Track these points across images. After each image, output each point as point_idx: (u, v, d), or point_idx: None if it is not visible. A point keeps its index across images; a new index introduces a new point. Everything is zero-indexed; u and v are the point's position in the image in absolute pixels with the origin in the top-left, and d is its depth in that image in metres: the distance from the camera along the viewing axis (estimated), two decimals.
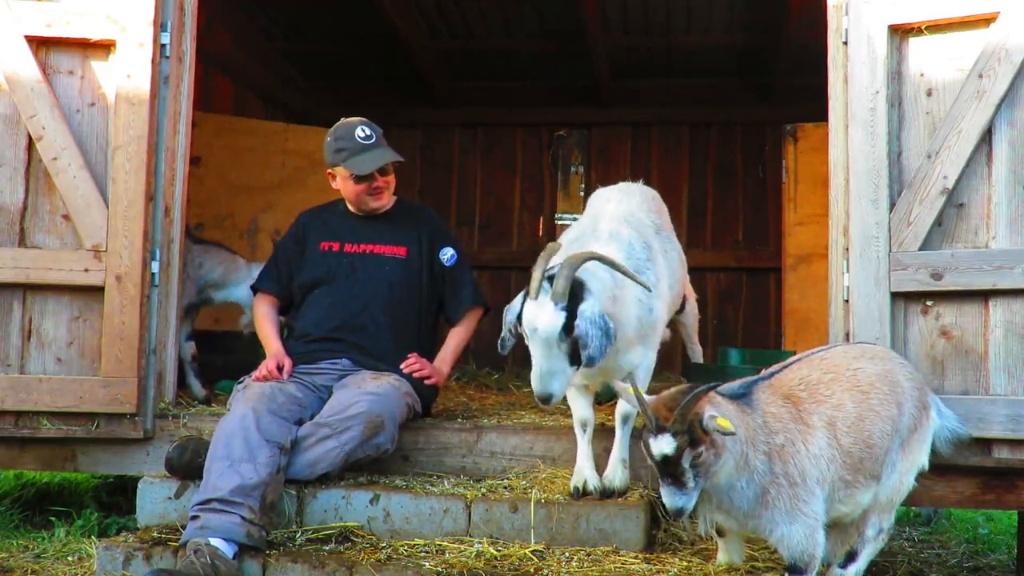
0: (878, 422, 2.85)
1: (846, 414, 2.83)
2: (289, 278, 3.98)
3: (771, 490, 2.71)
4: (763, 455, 2.70)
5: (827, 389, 2.86)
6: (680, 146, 7.86)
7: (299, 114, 7.55)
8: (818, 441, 2.77)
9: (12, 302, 3.78)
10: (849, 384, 2.89)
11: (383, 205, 3.94)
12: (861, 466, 2.83)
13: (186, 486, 3.43)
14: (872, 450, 2.84)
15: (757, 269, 7.52)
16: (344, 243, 3.91)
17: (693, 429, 2.58)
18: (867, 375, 2.92)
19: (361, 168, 3.78)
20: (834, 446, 2.78)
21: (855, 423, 2.82)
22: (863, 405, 2.85)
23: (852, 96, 3.53)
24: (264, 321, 3.95)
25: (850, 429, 2.82)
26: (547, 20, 6.83)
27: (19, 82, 3.74)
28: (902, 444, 2.92)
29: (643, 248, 3.39)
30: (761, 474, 2.70)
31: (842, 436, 2.80)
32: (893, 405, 2.89)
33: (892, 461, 2.90)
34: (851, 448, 2.81)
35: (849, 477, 2.81)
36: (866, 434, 2.83)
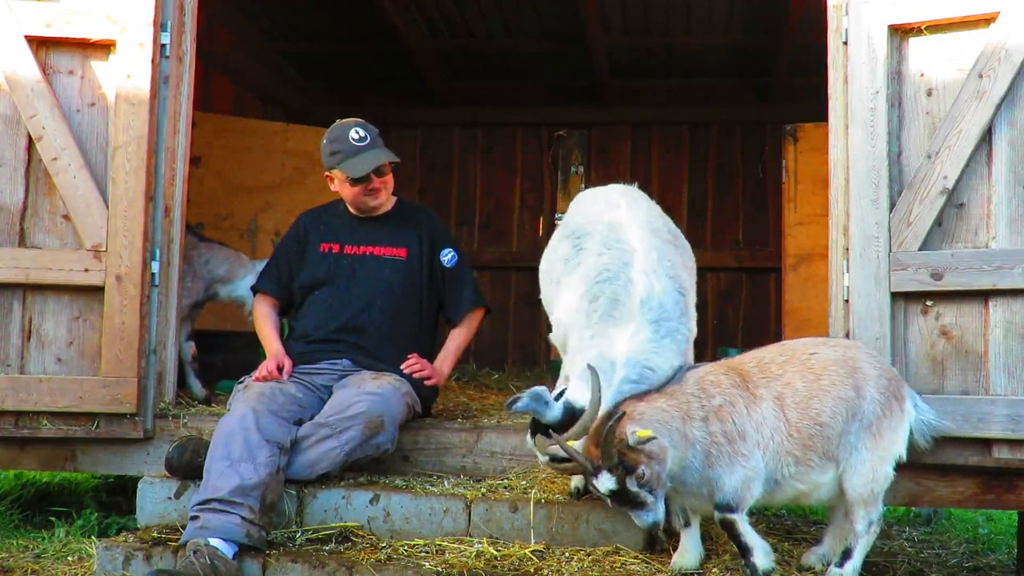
0: (829, 401, 2.90)
1: (795, 391, 2.91)
2: (289, 279, 3.97)
3: (712, 450, 2.82)
4: (700, 421, 2.82)
5: (779, 369, 2.97)
6: (680, 146, 7.87)
7: (299, 114, 7.55)
8: (763, 410, 2.87)
9: (12, 302, 3.78)
10: (802, 367, 2.97)
11: (381, 205, 3.94)
12: (812, 443, 2.88)
13: (186, 486, 3.43)
14: (823, 428, 2.89)
15: (757, 269, 7.52)
16: (344, 244, 3.91)
17: (624, 456, 2.68)
18: (822, 359, 2.99)
19: (356, 171, 3.77)
20: (780, 419, 2.87)
21: (804, 401, 2.90)
22: (813, 385, 2.92)
23: (852, 96, 3.53)
24: (264, 322, 3.95)
25: (798, 406, 2.89)
26: (547, 20, 6.83)
27: (19, 82, 3.74)
28: (866, 429, 2.93)
29: (675, 301, 3.23)
30: (702, 440, 2.81)
31: (790, 411, 2.88)
32: (850, 388, 2.93)
33: (852, 444, 2.92)
34: (799, 424, 2.88)
35: (799, 453, 2.88)
36: (814, 411, 2.89)
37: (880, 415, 2.96)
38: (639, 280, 3.18)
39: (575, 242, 3.50)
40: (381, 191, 3.90)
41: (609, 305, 3.17)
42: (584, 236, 3.47)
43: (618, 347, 3.09)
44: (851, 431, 2.91)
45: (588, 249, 3.39)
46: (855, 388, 2.94)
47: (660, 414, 2.79)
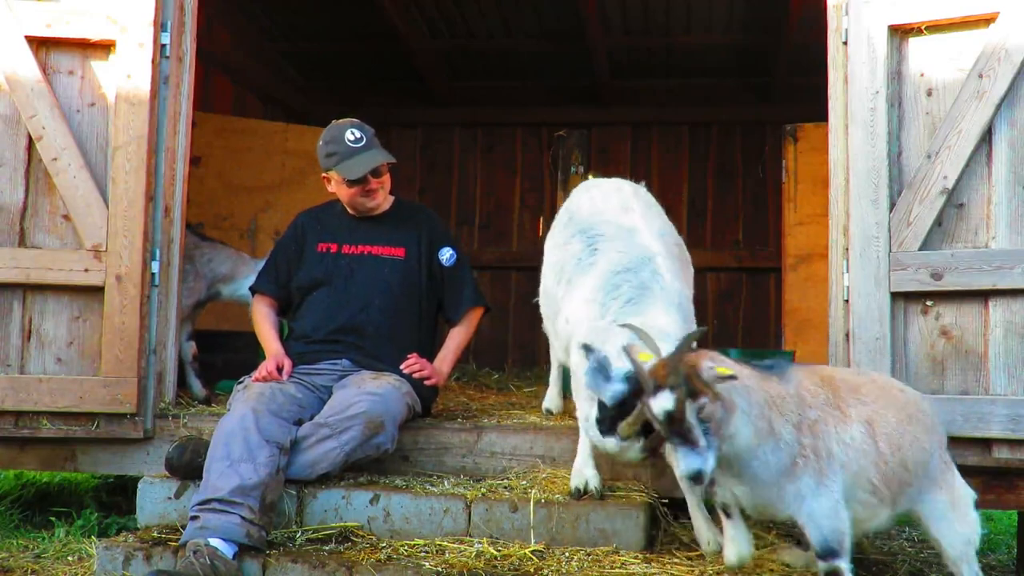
0: (916, 451, 2.78)
1: (887, 422, 2.76)
2: (287, 279, 3.97)
3: (799, 461, 2.61)
4: (791, 426, 2.62)
5: (870, 395, 2.80)
6: (680, 146, 7.87)
7: (299, 114, 7.55)
8: (852, 431, 2.70)
9: (12, 302, 3.78)
10: (893, 400, 2.83)
11: (379, 205, 3.94)
12: (892, 479, 2.73)
13: (186, 486, 3.43)
14: (906, 474, 2.76)
15: (757, 269, 7.52)
16: (342, 244, 3.91)
17: (690, 381, 2.45)
18: (909, 402, 2.87)
19: (352, 173, 3.77)
20: (869, 443, 2.71)
21: (895, 437, 2.75)
22: (907, 429, 2.78)
23: (852, 96, 3.53)
24: (263, 322, 3.95)
25: (889, 438, 2.74)
26: (547, 20, 6.83)
27: (19, 82, 3.74)
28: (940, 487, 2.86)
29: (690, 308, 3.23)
30: (788, 443, 2.61)
31: (881, 440, 2.72)
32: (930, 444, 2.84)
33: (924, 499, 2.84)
34: (888, 456, 2.73)
35: (877, 483, 2.72)
36: (901, 455, 2.75)
37: (945, 467, 2.89)
38: (665, 274, 3.18)
39: (588, 240, 3.45)
40: (378, 192, 3.89)
41: (636, 292, 3.11)
42: (598, 236, 3.43)
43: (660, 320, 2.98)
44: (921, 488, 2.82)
45: (604, 249, 3.35)
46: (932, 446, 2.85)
47: (744, 377, 2.57)
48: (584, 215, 3.61)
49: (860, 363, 3.45)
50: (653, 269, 3.18)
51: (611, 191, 3.76)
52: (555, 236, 3.81)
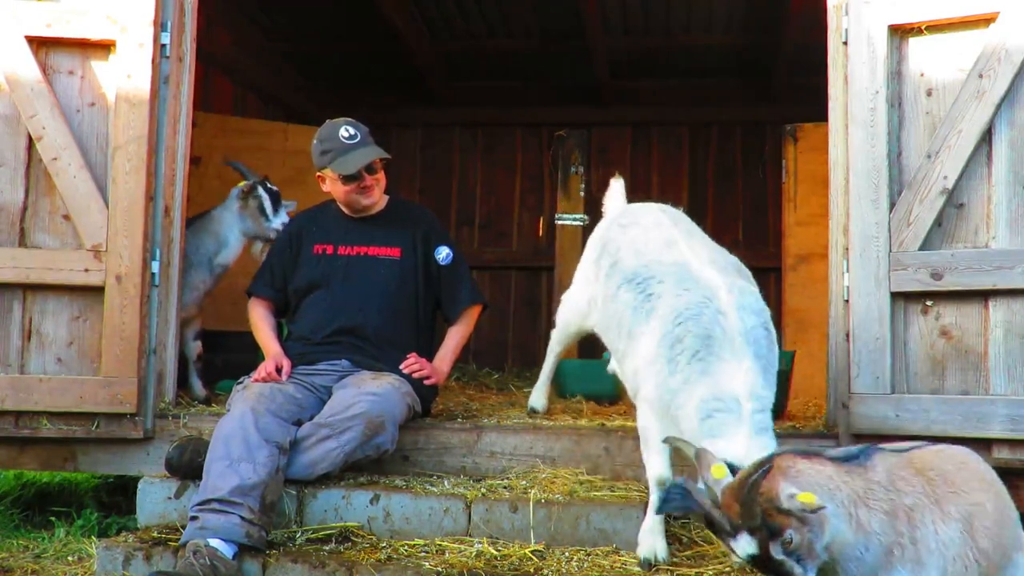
0: (1011, 535, 2.50)
1: (985, 513, 2.45)
2: (283, 282, 3.97)
3: (895, 551, 2.33)
4: (883, 514, 2.34)
5: (965, 485, 2.48)
6: (680, 146, 7.87)
7: (299, 114, 7.54)
8: (950, 531, 2.39)
9: (12, 302, 3.78)
10: (985, 484, 2.53)
11: (374, 203, 3.93)
12: (991, 571, 2.44)
13: (186, 486, 3.43)
14: (1004, 562, 2.48)
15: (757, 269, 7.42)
16: (338, 245, 3.91)
17: (769, 518, 2.20)
18: (990, 475, 2.58)
19: (347, 168, 3.76)
20: (969, 545, 2.40)
21: (995, 529, 2.45)
22: (1003, 512, 2.50)
23: (852, 96, 3.53)
24: (261, 324, 3.95)
25: (989, 531, 2.43)
26: (547, 20, 6.82)
27: (19, 82, 3.74)
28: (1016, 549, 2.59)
29: (764, 336, 2.99)
30: (880, 534, 2.33)
31: (980, 536, 2.42)
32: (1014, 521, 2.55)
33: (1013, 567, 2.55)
34: (990, 552, 2.42)
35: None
36: (1004, 542, 2.46)
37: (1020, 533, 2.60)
38: (731, 313, 2.94)
39: (640, 286, 3.23)
40: (373, 189, 3.88)
41: (700, 343, 2.89)
42: (649, 280, 3.22)
43: (736, 380, 2.80)
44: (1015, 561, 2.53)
45: (660, 294, 3.14)
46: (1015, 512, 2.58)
47: (825, 480, 2.30)
48: (628, 261, 3.39)
49: (860, 363, 3.45)
50: (716, 309, 2.95)
51: (651, 227, 3.52)
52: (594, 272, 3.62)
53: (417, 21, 6.84)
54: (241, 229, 4.56)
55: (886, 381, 3.43)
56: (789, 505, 2.17)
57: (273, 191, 4.62)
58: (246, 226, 4.56)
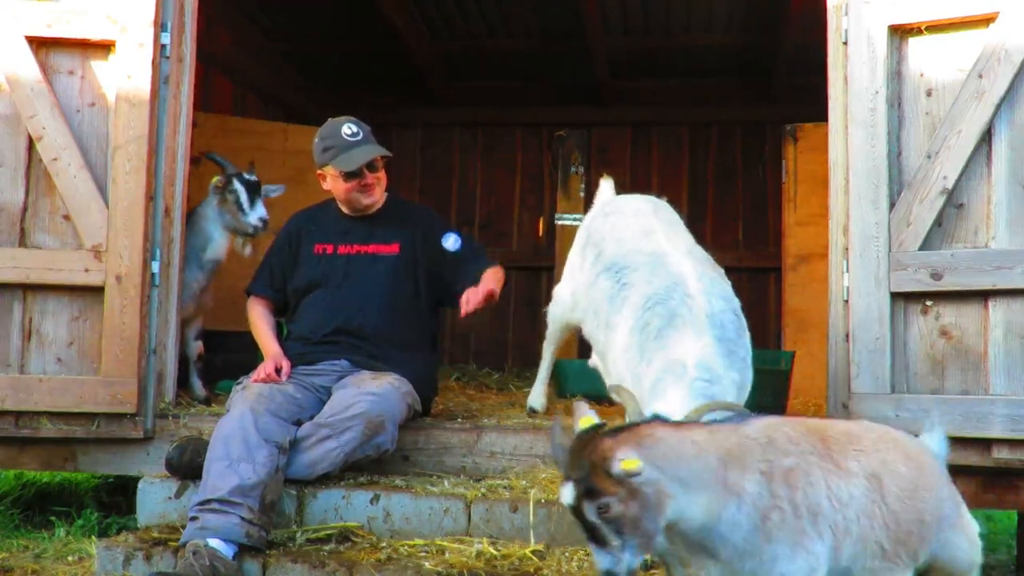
0: (933, 501, 2.43)
1: (898, 476, 2.38)
2: (283, 281, 3.97)
3: (773, 515, 2.20)
4: (758, 474, 2.21)
5: (872, 446, 2.41)
6: (680, 146, 7.87)
7: (299, 114, 7.54)
8: (851, 487, 2.30)
9: (12, 302, 3.78)
10: (900, 448, 2.46)
11: (375, 202, 3.92)
12: (907, 540, 2.36)
13: (186, 486, 3.43)
14: (924, 528, 2.40)
15: (757, 269, 7.51)
16: (338, 244, 3.90)
17: (592, 476, 2.09)
18: (916, 448, 2.53)
19: (348, 164, 3.76)
20: (876, 502, 2.32)
21: (910, 490, 2.37)
22: (923, 480, 2.42)
23: (852, 96, 3.53)
24: (260, 324, 3.94)
25: (902, 492, 2.36)
26: (547, 20, 6.82)
27: (19, 82, 3.74)
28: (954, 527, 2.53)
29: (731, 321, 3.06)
30: (756, 496, 2.19)
31: (890, 497, 2.34)
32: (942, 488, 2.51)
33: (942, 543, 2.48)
34: (901, 515, 2.35)
35: (889, 547, 2.34)
36: (921, 507, 2.39)
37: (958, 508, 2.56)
38: (699, 297, 3.02)
39: (616, 276, 3.33)
40: (375, 187, 3.87)
41: (665, 323, 2.95)
42: (624, 269, 3.31)
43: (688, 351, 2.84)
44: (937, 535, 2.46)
45: (632, 282, 3.22)
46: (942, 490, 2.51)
47: (688, 447, 2.17)
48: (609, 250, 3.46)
49: (860, 363, 3.45)
50: (683, 293, 3.03)
51: (630, 215, 3.64)
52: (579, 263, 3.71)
53: (417, 21, 6.85)
54: (222, 224, 4.51)
55: (886, 381, 3.43)
56: (614, 470, 2.06)
57: (250, 183, 4.53)
58: (226, 220, 4.51)
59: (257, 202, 4.50)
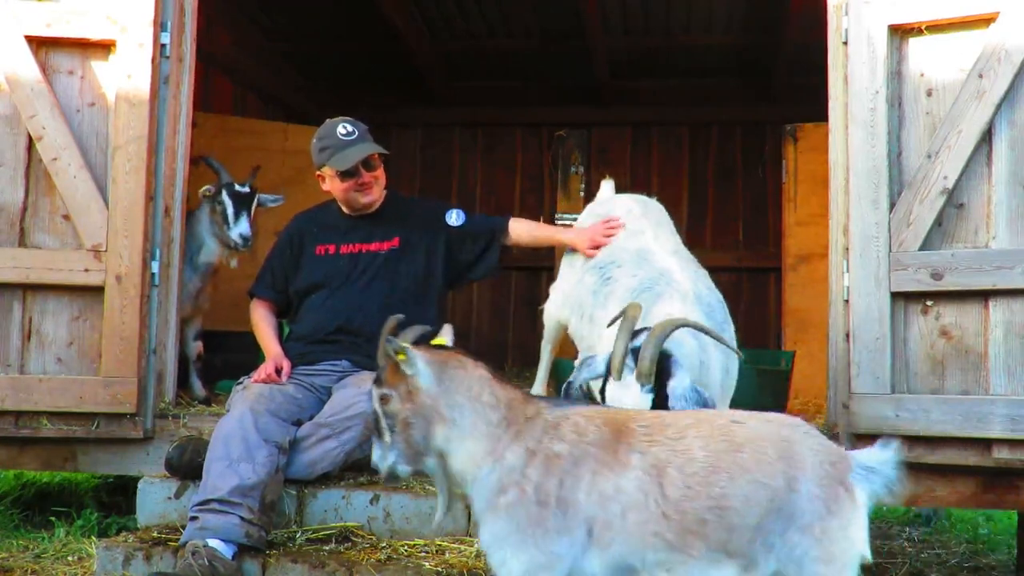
0: (743, 483, 2.17)
1: (689, 462, 2.20)
2: (284, 283, 3.97)
3: (510, 492, 2.17)
4: (523, 450, 2.19)
5: (677, 433, 2.25)
6: (680, 146, 7.87)
7: (299, 114, 7.55)
8: (620, 481, 2.18)
9: (12, 302, 3.78)
10: (714, 434, 2.25)
11: (373, 200, 3.90)
12: (700, 529, 2.16)
13: (186, 486, 3.43)
14: (724, 514, 2.16)
15: (757, 269, 7.52)
16: (339, 245, 3.90)
17: (386, 367, 2.25)
18: (749, 431, 2.26)
19: (343, 163, 3.75)
20: (650, 494, 2.17)
21: (702, 475, 2.18)
22: (725, 458, 2.19)
23: (852, 96, 3.53)
24: (262, 325, 3.94)
25: (690, 479, 2.17)
26: (547, 20, 6.83)
27: (19, 82, 3.74)
28: (807, 532, 2.17)
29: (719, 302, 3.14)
30: (508, 468, 2.18)
31: (671, 486, 2.17)
32: (779, 475, 2.18)
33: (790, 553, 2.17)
34: (684, 503, 2.17)
35: (674, 538, 2.17)
36: (717, 491, 2.16)
37: (826, 514, 2.19)
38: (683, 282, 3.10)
39: (601, 272, 3.41)
40: (372, 186, 3.85)
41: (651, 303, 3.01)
42: (609, 265, 3.39)
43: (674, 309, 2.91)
44: (778, 531, 2.17)
45: (617, 277, 3.30)
46: (786, 478, 2.18)
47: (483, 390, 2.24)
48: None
49: (860, 363, 3.45)
50: (669, 280, 3.11)
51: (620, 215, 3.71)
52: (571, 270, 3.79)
53: (417, 21, 6.85)
54: (212, 232, 4.54)
55: (886, 381, 3.42)
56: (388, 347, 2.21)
57: (240, 195, 4.51)
58: (214, 230, 4.53)
59: (242, 217, 4.48)
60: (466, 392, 2.24)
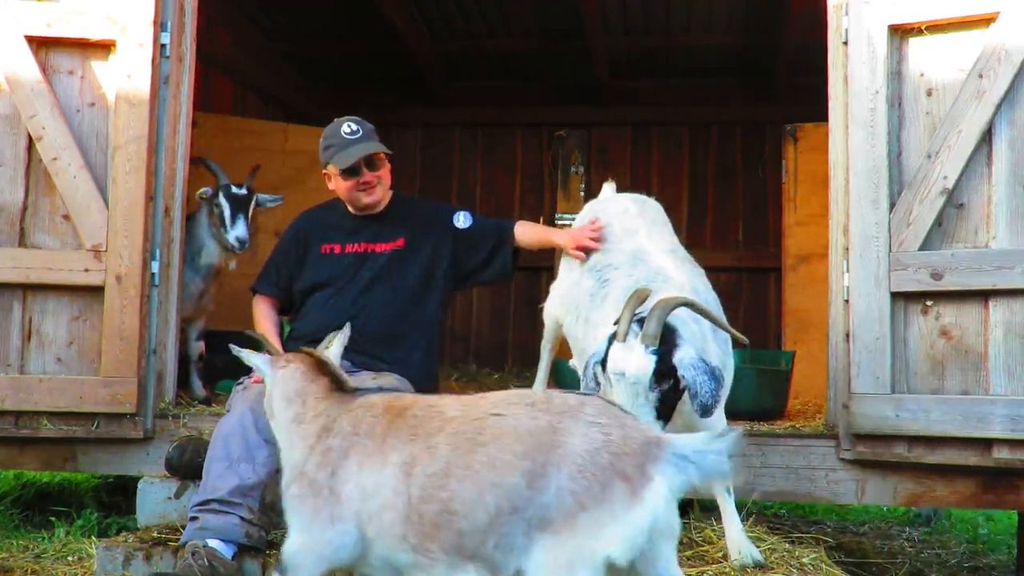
0: (470, 487, 2.07)
1: (433, 460, 2.13)
2: (288, 281, 3.96)
3: (294, 487, 2.31)
4: (306, 446, 2.31)
5: (436, 428, 2.19)
6: (680, 146, 7.87)
7: (299, 114, 7.55)
8: (380, 477, 2.18)
9: (12, 302, 3.78)
10: (463, 430, 2.15)
11: (376, 201, 3.89)
12: (434, 533, 2.09)
13: (186, 486, 3.43)
14: (453, 519, 2.08)
15: (757, 269, 7.52)
16: (345, 244, 3.89)
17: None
18: (501, 426, 2.12)
19: (344, 161, 3.74)
20: (399, 492, 2.14)
21: (439, 476, 2.11)
22: (464, 459, 2.10)
23: (852, 96, 3.53)
24: (263, 322, 3.93)
25: (429, 480, 2.11)
26: (547, 20, 6.83)
27: (19, 82, 3.74)
28: (543, 528, 2.01)
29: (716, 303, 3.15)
30: (294, 464, 2.31)
31: (415, 485, 2.12)
32: (518, 474, 2.03)
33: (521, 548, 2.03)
34: (420, 505, 2.11)
35: (415, 540, 2.12)
36: (446, 496, 2.08)
37: (574, 508, 2.00)
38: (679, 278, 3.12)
39: (598, 274, 3.42)
40: (375, 186, 3.84)
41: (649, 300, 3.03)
42: (607, 267, 3.41)
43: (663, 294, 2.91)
44: (519, 531, 2.03)
45: (613, 279, 3.31)
46: (529, 475, 2.03)
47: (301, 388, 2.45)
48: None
49: (860, 363, 3.45)
50: (665, 278, 3.13)
51: (617, 215, 3.71)
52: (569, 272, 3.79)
53: (417, 21, 6.85)
54: (211, 234, 4.53)
55: (886, 381, 3.43)
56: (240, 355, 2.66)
57: (237, 197, 4.49)
58: (212, 232, 4.53)
59: (239, 220, 4.47)
60: (284, 387, 2.48)
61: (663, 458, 2.03)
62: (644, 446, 2.05)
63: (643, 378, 2.66)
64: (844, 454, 3.52)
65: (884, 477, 3.49)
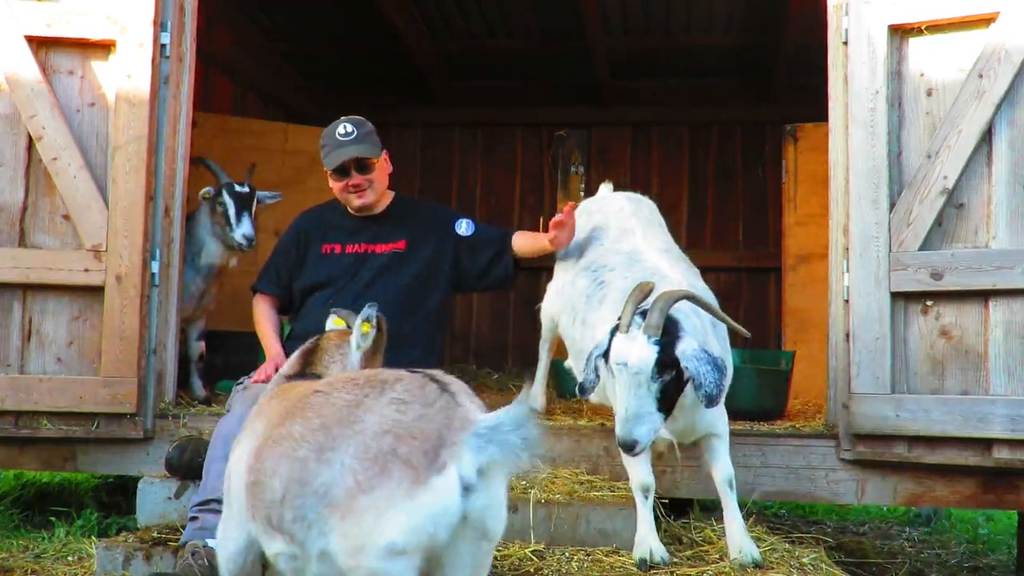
0: (271, 458, 2.09)
1: (255, 436, 2.21)
2: (288, 280, 3.96)
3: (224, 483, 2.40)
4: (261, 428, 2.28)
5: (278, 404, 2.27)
6: (680, 146, 7.87)
7: (299, 114, 7.55)
8: (241, 455, 2.26)
9: (12, 302, 3.78)
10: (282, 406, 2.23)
11: (367, 204, 3.88)
12: (253, 503, 2.14)
13: (186, 486, 3.43)
14: (258, 489, 2.10)
15: (757, 269, 7.52)
16: (345, 244, 3.89)
17: None
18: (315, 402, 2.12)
19: (331, 163, 3.74)
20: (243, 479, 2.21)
21: (255, 450, 2.17)
22: (273, 432, 2.13)
23: (852, 96, 3.53)
24: (263, 322, 3.93)
25: (252, 455, 2.17)
26: (547, 20, 6.82)
27: (19, 82, 3.74)
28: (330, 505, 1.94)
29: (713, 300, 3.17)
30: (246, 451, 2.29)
31: (252, 471, 2.16)
32: (309, 447, 2.01)
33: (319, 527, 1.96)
34: (247, 477, 2.19)
35: (249, 512, 2.17)
36: (258, 467, 2.13)
37: (354, 489, 1.91)
38: (675, 277, 3.14)
39: (593, 275, 3.43)
40: (365, 189, 3.82)
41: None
42: (602, 268, 3.42)
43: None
44: (310, 507, 1.97)
45: (610, 281, 3.33)
46: (319, 448, 1.99)
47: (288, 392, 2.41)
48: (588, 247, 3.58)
49: (860, 363, 3.45)
50: (661, 276, 3.14)
51: (612, 214, 3.73)
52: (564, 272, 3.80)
53: (417, 21, 6.85)
54: (212, 234, 4.53)
55: (886, 381, 3.43)
56: None
57: (240, 195, 4.49)
58: (216, 231, 4.52)
59: (244, 218, 4.47)
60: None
61: (461, 442, 1.93)
62: (440, 429, 1.95)
63: (645, 368, 2.68)
64: (844, 454, 3.52)
65: (884, 477, 3.50)
